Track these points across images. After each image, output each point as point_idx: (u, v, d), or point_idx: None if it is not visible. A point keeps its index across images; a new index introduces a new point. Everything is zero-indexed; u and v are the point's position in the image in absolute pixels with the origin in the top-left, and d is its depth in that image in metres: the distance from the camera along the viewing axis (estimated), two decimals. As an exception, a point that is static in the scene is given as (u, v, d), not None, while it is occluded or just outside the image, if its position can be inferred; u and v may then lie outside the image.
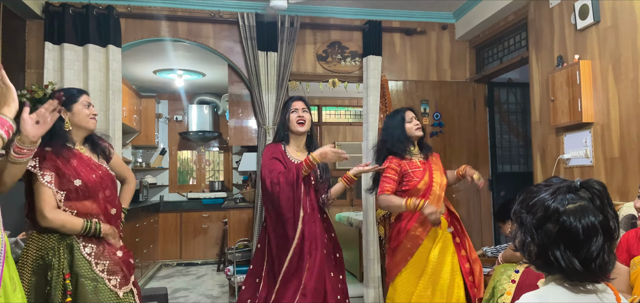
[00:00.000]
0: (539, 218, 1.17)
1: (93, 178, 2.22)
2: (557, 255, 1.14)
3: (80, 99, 2.29)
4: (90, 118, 2.31)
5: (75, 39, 4.04)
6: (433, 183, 3.03)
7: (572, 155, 3.47)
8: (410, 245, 2.96)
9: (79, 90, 2.36)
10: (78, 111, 2.27)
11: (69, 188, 2.15)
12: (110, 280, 2.14)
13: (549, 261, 1.16)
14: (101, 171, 2.30)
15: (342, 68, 4.78)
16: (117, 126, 4.11)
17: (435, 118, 4.84)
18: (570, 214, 1.13)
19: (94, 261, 2.14)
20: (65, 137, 2.21)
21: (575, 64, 3.31)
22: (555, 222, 1.14)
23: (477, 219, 4.92)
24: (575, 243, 1.13)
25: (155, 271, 6.84)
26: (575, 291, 1.16)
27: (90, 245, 2.16)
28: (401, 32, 4.87)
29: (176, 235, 7.46)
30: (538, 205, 1.18)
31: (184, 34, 4.46)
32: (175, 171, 8.17)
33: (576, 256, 1.13)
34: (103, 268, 2.15)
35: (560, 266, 1.14)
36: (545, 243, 1.16)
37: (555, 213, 1.15)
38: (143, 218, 6.22)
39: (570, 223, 1.12)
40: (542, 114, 3.83)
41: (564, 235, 1.13)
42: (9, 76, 3.88)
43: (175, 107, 8.11)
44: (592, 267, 1.13)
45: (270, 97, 4.39)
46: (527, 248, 1.20)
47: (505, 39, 4.57)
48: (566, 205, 1.14)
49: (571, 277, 1.16)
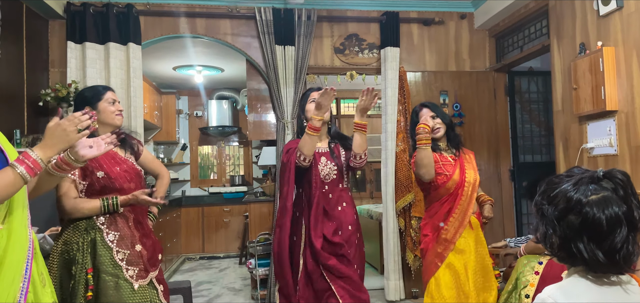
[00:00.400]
0: (561, 209, 1.15)
1: (117, 171, 2.26)
2: (580, 247, 1.12)
3: (105, 97, 2.32)
4: (116, 115, 2.34)
5: (97, 37, 4.11)
6: (465, 182, 2.79)
7: (596, 144, 3.40)
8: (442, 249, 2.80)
9: (104, 87, 2.39)
10: (104, 109, 2.30)
11: (92, 179, 2.20)
12: (128, 271, 2.18)
13: (572, 253, 1.14)
14: (126, 165, 2.34)
15: (360, 60, 4.76)
16: (139, 122, 4.18)
17: (455, 109, 4.79)
18: (593, 205, 1.11)
19: (115, 248, 2.18)
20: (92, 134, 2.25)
21: (598, 51, 3.23)
22: (578, 214, 1.12)
23: (499, 209, 4.87)
24: (599, 234, 1.10)
25: (179, 265, 6.95)
26: (599, 283, 1.14)
27: (114, 232, 2.21)
28: (419, 22, 4.83)
29: (198, 229, 7.55)
30: (560, 196, 1.16)
31: (202, 30, 4.50)
32: (196, 166, 8.26)
33: (600, 248, 1.10)
34: (123, 256, 2.19)
35: (584, 258, 1.12)
36: (568, 235, 1.13)
37: (577, 205, 1.12)
38: (166, 213, 6.32)
39: (593, 215, 1.10)
40: (565, 103, 3.76)
41: (587, 227, 1.11)
42: (33, 75, 3.95)
43: (195, 103, 8.19)
44: (616, 259, 1.11)
45: (289, 91, 4.41)
46: (549, 240, 1.18)
47: (526, 27, 4.49)
48: (589, 196, 1.12)
49: (595, 269, 1.14)
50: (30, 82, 3.92)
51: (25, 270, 1.47)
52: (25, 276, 1.46)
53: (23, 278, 1.46)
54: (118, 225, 2.23)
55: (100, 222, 2.19)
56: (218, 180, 8.35)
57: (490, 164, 4.87)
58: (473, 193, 2.82)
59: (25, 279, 1.46)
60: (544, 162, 5.13)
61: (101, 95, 2.32)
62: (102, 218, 2.20)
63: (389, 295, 4.53)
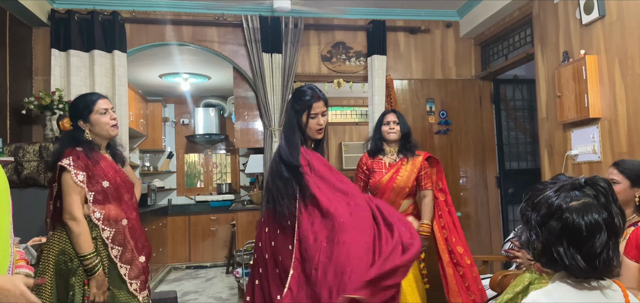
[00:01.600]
0: (543, 215, 1.18)
1: (118, 181, 2.25)
2: (560, 251, 1.14)
3: (95, 107, 2.24)
4: (111, 126, 2.28)
5: (81, 45, 4.08)
6: (393, 181, 3.16)
7: (580, 151, 3.45)
8: None
9: (95, 96, 2.29)
10: (96, 121, 2.24)
11: (97, 189, 2.17)
12: (132, 284, 2.18)
13: (553, 258, 1.16)
14: (123, 175, 2.33)
15: (347, 68, 4.77)
16: (124, 130, 4.14)
17: (441, 116, 4.82)
18: (573, 211, 1.13)
19: (119, 263, 2.17)
20: (91, 144, 2.22)
21: (581, 60, 3.28)
22: (559, 219, 1.15)
23: (485, 217, 4.90)
24: (578, 239, 1.13)
25: (165, 274, 6.87)
26: (579, 288, 1.17)
27: (118, 247, 2.19)
28: (405, 31, 4.86)
29: (185, 238, 7.49)
30: (542, 203, 1.19)
31: (189, 37, 4.48)
32: (182, 175, 8.20)
33: (579, 252, 1.13)
34: (126, 271, 2.18)
35: (564, 263, 1.14)
36: (549, 240, 1.16)
37: (558, 210, 1.15)
38: (152, 221, 6.25)
39: (572, 220, 1.13)
40: (549, 110, 3.80)
41: (566, 232, 1.14)
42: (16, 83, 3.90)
43: (182, 111, 8.15)
44: (596, 264, 1.13)
45: (276, 98, 4.40)
46: (531, 245, 1.21)
47: (511, 36, 4.55)
48: (569, 202, 1.15)
49: (575, 273, 1.16)
50: (14, 90, 3.86)
51: None
52: None
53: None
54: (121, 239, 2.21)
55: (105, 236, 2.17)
56: (205, 188, 8.30)
57: (477, 171, 4.91)
58: (401, 189, 3.15)
59: None
60: (529, 169, 5.18)
61: (92, 106, 2.24)
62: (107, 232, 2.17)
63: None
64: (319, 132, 2.36)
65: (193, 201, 7.99)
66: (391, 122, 3.25)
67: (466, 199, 4.86)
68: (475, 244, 4.83)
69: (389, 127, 3.24)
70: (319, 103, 2.33)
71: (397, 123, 3.24)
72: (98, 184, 2.16)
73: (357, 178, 3.28)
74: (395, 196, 3.16)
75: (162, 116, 7.69)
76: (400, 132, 3.23)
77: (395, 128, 3.23)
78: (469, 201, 4.87)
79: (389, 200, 3.13)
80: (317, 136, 2.38)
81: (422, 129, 4.74)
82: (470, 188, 4.88)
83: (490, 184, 4.94)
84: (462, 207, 4.85)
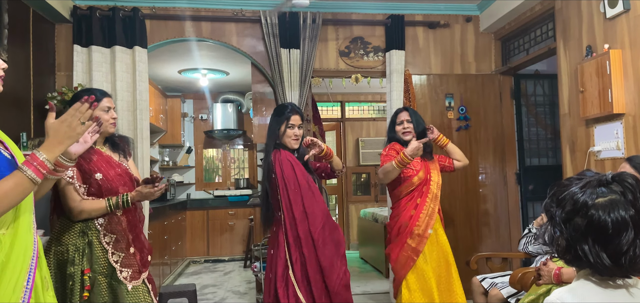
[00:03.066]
0: (568, 211, 1.15)
1: (112, 174, 2.30)
2: (585, 249, 1.12)
3: (100, 104, 2.31)
4: (110, 123, 2.35)
5: (103, 41, 4.13)
6: (430, 181, 3.18)
7: (603, 147, 3.38)
8: (415, 244, 3.10)
9: (101, 93, 2.37)
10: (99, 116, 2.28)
11: (90, 182, 2.22)
12: (122, 272, 2.20)
13: (578, 255, 1.14)
14: (120, 168, 2.36)
15: (365, 63, 4.75)
16: (145, 125, 4.19)
17: (461, 112, 4.78)
18: (599, 208, 1.11)
19: (111, 250, 2.21)
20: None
21: (605, 54, 3.21)
22: (584, 216, 1.12)
23: (504, 213, 4.84)
24: (604, 237, 1.10)
25: (184, 268, 6.95)
26: (603, 286, 1.14)
27: (111, 235, 2.24)
28: (424, 25, 4.82)
29: (203, 232, 7.56)
30: (567, 199, 1.16)
31: (208, 33, 4.51)
32: (201, 170, 8.27)
33: (605, 250, 1.10)
34: (118, 259, 2.22)
35: (589, 261, 1.12)
36: (574, 236, 1.14)
37: (583, 207, 1.12)
38: (171, 216, 6.33)
39: (598, 217, 1.10)
40: (571, 106, 3.74)
41: (592, 229, 1.11)
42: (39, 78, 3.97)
43: (200, 107, 8.21)
44: (622, 262, 1.10)
45: (294, 94, 4.41)
46: (556, 242, 1.19)
47: (532, 30, 4.47)
48: (595, 199, 1.12)
49: (600, 271, 1.14)
50: (37, 86, 3.94)
51: (28, 278, 1.44)
52: (27, 286, 1.43)
53: (25, 288, 1.43)
54: (114, 227, 2.25)
55: (98, 224, 2.22)
56: (223, 183, 8.37)
57: (496, 168, 4.85)
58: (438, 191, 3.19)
59: (28, 289, 1.43)
60: (550, 165, 5.10)
61: (97, 101, 2.29)
62: (101, 219, 2.22)
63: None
64: (295, 141, 2.81)
65: (211, 196, 8.05)
66: (404, 121, 3.25)
67: (485, 196, 4.81)
68: (494, 241, 4.78)
69: (403, 127, 3.25)
70: (295, 116, 2.82)
71: (410, 122, 3.25)
72: (91, 177, 2.22)
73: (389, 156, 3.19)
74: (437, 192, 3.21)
75: (181, 112, 7.76)
76: (413, 130, 3.24)
77: (409, 127, 3.24)
78: (488, 197, 4.81)
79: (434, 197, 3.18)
80: (293, 145, 2.82)
81: (441, 125, 4.70)
82: (489, 184, 4.83)
83: (510, 181, 4.88)
84: (482, 204, 4.80)
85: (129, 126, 4.09)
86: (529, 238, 3.42)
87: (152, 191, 2.28)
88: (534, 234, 3.37)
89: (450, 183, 4.66)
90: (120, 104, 4.05)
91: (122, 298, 2.17)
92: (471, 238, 4.73)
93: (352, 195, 8.03)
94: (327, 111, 7.98)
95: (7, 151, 1.51)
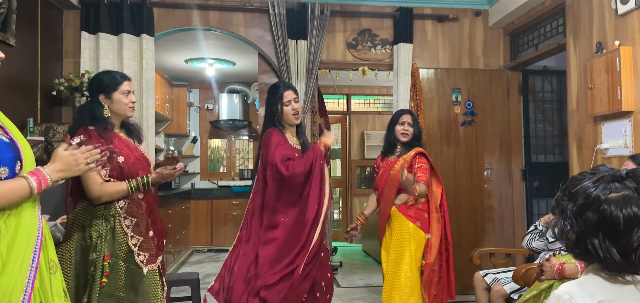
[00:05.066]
0: (580, 205, 1.14)
1: (132, 158, 2.30)
2: (595, 243, 1.11)
3: (121, 87, 2.30)
4: (129, 107, 2.34)
5: (110, 28, 4.13)
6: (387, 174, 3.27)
7: (611, 145, 3.36)
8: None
9: (121, 76, 2.36)
10: (118, 100, 2.30)
11: (113, 165, 2.21)
12: (139, 256, 2.21)
13: (587, 250, 1.13)
14: (138, 153, 2.37)
15: (372, 56, 4.74)
16: (151, 114, 4.19)
17: (467, 107, 4.75)
18: (611, 203, 1.10)
19: (130, 233, 2.21)
20: (105, 122, 2.27)
21: (616, 51, 3.18)
22: (596, 210, 1.11)
23: (509, 210, 4.83)
24: (615, 232, 1.09)
25: (187, 256, 6.98)
26: (612, 281, 1.14)
27: (131, 218, 2.23)
28: (433, 19, 4.79)
29: (207, 222, 7.59)
30: (580, 192, 1.15)
31: (215, 22, 4.50)
32: (206, 159, 8.29)
33: (615, 245, 1.10)
34: (137, 242, 2.22)
35: (598, 255, 1.12)
36: (584, 230, 1.13)
37: (596, 201, 1.12)
38: (175, 204, 6.35)
39: (610, 212, 1.09)
40: (579, 103, 3.71)
41: (603, 224, 1.10)
42: (47, 64, 3.98)
43: (206, 96, 8.22)
44: (632, 258, 1.09)
45: (300, 85, 4.39)
46: (565, 236, 1.18)
47: (542, 25, 4.44)
48: (608, 194, 1.11)
49: (609, 267, 1.13)
50: (44, 72, 3.95)
51: (32, 259, 1.49)
52: (32, 265, 1.48)
53: (30, 267, 1.47)
54: (134, 210, 2.25)
55: (119, 206, 2.21)
56: (227, 173, 8.38)
57: (502, 164, 4.83)
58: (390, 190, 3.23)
59: (33, 268, 1.48)
60: (556, 162, 5.07)
61: (118, 85, 2.30)
62: (121, 202, 2.22)
63: (397, 293, 4.51)
64: (295, 117, 2.84)
65: (216, 186, 8.07)
66: (406, 123, 3.30)
67: (490, 191, 4.79)
68: (498, 237, 4.77)
69: (404, 128, 3.30)
70: (288, 92, 2.83)
71: (411, 125, 3.30)
72: (112, 161, 2.20)
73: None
74: (388, 190, 3.24)
75: (187, 101, 7.77)
76: (412, 134, 3.30)
77: (409, 131, 3.29)
78: (492, 193, 4.80)
79: (383, 194, 3.27)
80: (294, 121, 2.86)
81: (447, 119, 4.69)
82: (494, 180, 4.81)
83: (515, 177, 4.86)
84: (486, 199, 4.79)
85: (135, 115, 4.08)
86: (534, 235, 3.41)
87: (172, 172, 2.29)
88: (539, 231, 3.35)
89: (454, 178, 4.66)
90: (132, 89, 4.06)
91: (138, 282, 2.18)
92: (475, 234, 4.72)
93: (356, 188, 8.03)
94: (333, 103, 7.97)
95: (7, 135, 1.54)
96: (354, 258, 6.80)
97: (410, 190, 3.07)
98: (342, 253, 6.90)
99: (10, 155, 1.49)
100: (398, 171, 3.16)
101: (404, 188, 3.13)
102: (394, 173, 3.22)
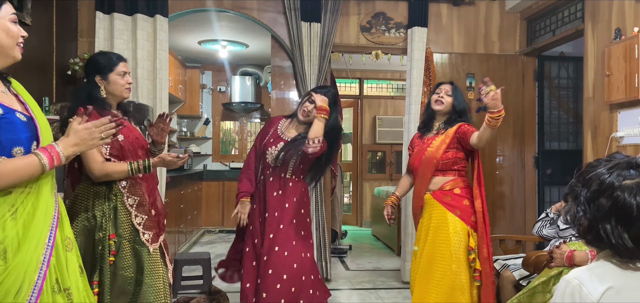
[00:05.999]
0: (593, 191, 1.14)
1: (131, 137, 2.31)
2: (607, 229, 1.11)
3: (117, 68, 2.30)
4: (125, 88, 2.34)
5: (125, 8, 4.14)
6: (423, 153, 2.88)
7: (626, 133, 3.31)
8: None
9: (117, 57, 2.35)
10: (114, 81, 2.29)
11: (113, 144, 2.22)
12: (144, 234, 2.22)
13: (599, 236, 1.13)
14: (136, 133, 2.39)
15: (386, 40, 4.70)
16: (164, 95, 4.21)
17: (481, 92, 4.69)
18: (625, 189, 1.10)
19: (134, 212, 2.23)
20: (103, 102, 2.28)
21: (634, 37, 3.12)
22: (609, 197, 1.11)
23: (520, 197, 4.80)
24: (628, 219, 1.09)
25: (199, 237, 7.06)
26: (624, 268, 1.14)
27: (134, 197, 2.25)
28: (448, 2, 4.73)
29: (219, 203, 7.65)
30: (594, 179, 1.15)
31: (229, 4, 4.49)
32: (218, 141, 8.33)
33: (627, 232, 1.10)
34: (141, 221, 2.24)
35: (610, 241, 1.12)
36: (597, 217, 1.13)
37: (609, 188, 1.12)
38: (187, 185, 6.41)
39: (624, 199, 1.09)
40: (596, 90, 3.66)
41: (616, 210, 1.10)
42: (62, 44, 4.00)
43: (219, 78, 8.23)
44: None
45: (313, 68, 4.38)
46: (578, 221, 1.18)
47: (560, 10, 4.36)
48: (622, 181, 1.11)
49: (621, 253, 1.13)
50: (59, 51, 3.98)
51: (49, 237, 1.51)
52: (48, 243, 1.50)
53: (46, 245, 1.49)
54: (137, 190, 2.27)
55: (121, 186, 2.23)
56: (239, 156, 8.42)
57: (515, 150, 4.79)
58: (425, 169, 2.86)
59: (49, 246, 1.50)
60: (570, 150, 5.01)
61: (114, 66, 2.29)
62: (123, 182, 2.23)
63: (405, 276, 4.53)
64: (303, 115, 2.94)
65: (227, 168, 8.12)
66: (442, 91, 2.92)
67: (502, 178, 4.76)
68: (508, 224, 4.75)
69: (438, 96, 2.91)
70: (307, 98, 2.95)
71: (449, 95, 2.91)
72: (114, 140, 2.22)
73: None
74: (424, 170, 2.84)
75: (199, 83, 7.79)
76: (451, 105, 2.90)
77: (446, 99, 2.90)
78: (504, 180, 4.77)
79: (418, 174, 2.88)
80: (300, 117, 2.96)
81: (460, 104, 4.65)
82: (506, 167, 4.78)
83: (528, 164, 4.82)
84: (498, 186, 4.76)
85: (148, 95, 4.12)
86: (545, 222, 3.39)
87: (174, 160, 2.30)
88: (551, 218, 3.33)
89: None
90: (141, 72, 4.08)
91: (143, 261, 2.20)
92: (486, 220, 4.70)
93: (366, 173, 8.03)
94: (345, 87, 7.94)
95: (27, 112, 1.55)
96: (363, 241, 6.82)
97: (497, 107, 2.65)
98: (352, 237, 6.93)
99: (26, 135, 1.51)
100: (437, 147, 2.80)
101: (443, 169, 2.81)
102: (431, 150, 2.84)
